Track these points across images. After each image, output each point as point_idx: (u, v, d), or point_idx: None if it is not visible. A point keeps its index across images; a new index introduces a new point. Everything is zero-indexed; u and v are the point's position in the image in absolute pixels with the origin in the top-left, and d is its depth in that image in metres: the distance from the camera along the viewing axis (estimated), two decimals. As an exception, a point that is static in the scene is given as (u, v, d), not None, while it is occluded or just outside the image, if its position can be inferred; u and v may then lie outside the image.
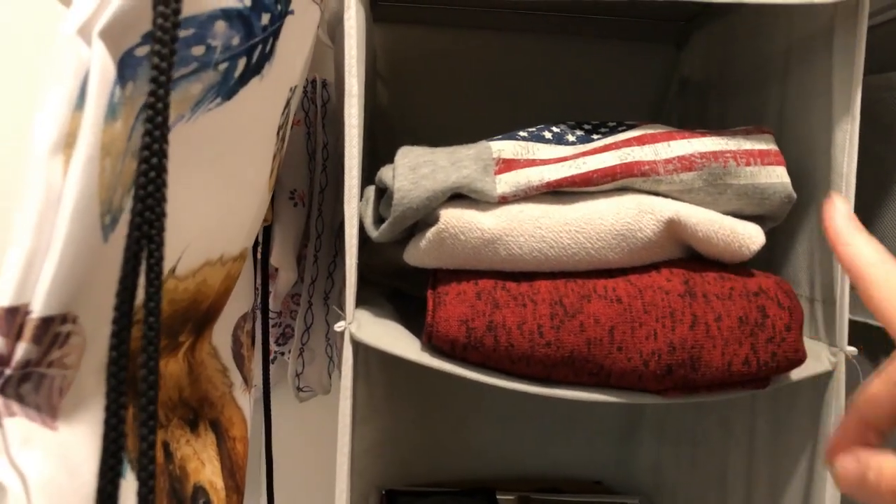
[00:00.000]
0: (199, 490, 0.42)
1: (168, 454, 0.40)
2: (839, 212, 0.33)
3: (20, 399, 0.26)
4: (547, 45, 0.73)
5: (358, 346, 0.45)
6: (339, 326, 0.45)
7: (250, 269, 0.58)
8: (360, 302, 0.50)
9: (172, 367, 0.43)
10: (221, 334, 0.51)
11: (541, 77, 0.74)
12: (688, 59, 0.72)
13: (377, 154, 0.66)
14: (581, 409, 0.79)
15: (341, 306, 0.46)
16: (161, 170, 0.25)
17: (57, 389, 0.28)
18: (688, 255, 0.48)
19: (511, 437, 0.79)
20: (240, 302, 0.54)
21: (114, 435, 0.25)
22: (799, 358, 0.45)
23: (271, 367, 0.67)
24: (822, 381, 0.48)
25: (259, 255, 0.61)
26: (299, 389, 0.65)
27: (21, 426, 0.25)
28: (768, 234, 0.47)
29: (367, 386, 0.77)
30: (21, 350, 0.25)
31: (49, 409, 0.27)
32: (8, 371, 0.25)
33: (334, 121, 0.69)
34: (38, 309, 0.25)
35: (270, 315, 0.64)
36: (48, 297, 0.25)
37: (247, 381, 0.53)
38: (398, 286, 0.61)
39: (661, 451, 0.76)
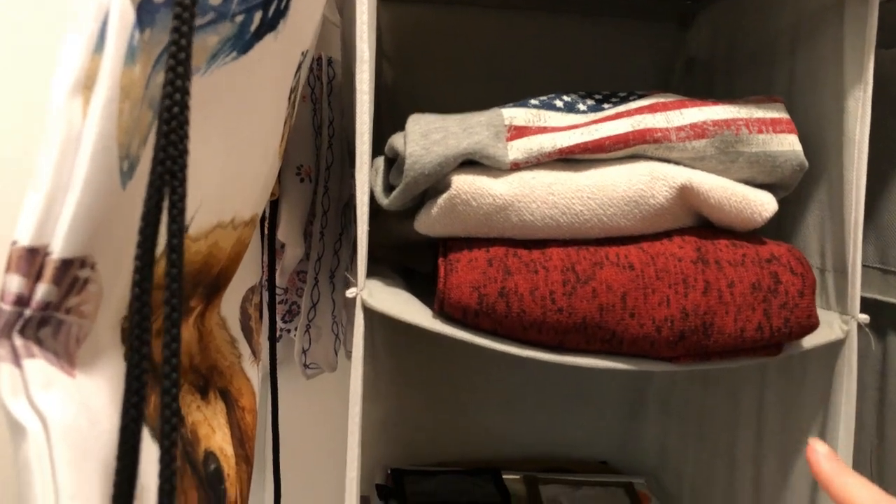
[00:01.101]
0: (210, 455, 0.42)
1: (180, 418, 0.39)
2: (823, 455, 0.36)
3: (39, 343, 0.25)
4: (552, 23, 0.73)
5: (369, 313, 0.45)
6: (350, 293, 0.44)
7: (257, 243, 0.57)
8: (370, 275, 0.49)
9: (183, 333, 0.43)
10: (230, 306, 0.51)
11: (546, 55, 0.73)
12: (694, 38, 0.72)
13: (382, 133, 0.66)
14: (586, 389, 0.79)
15: (351, 276, 0.46)
16: (183, 116, 0.24)
17: (74, 338, 0.28)
18: (699, 224, 0.48)
19: (516, 417, 0.79)
20: (248, 274, 0.54)
21: (136, 385, 0.25)
22: (812, 324, 0.44)
23: (278, 345, 0.67)
24: (833, 350, 0.48)
25: (266, 231, 0.61)
26: (306, 366, 0.65)
27: (41, 369, 0.25)
28: (778, 205, 0.47)
29: (373, 366, 0.76)
30: (41, 291, 0.24)
31: (67, 356, 0.27)
32: (28, 312, 0.24)
33: (340, 98, 0.69)
34: (57, 250, 0.25)
35: (277, 291, 0.64)
36: (68, 239, 0.25)
37: (255, 353, 0.53)
38: (407, 263, 0.61)
39: (667, 430, 0.76)
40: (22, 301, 0.24)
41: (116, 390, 0.30)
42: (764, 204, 0.46)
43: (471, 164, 0.45)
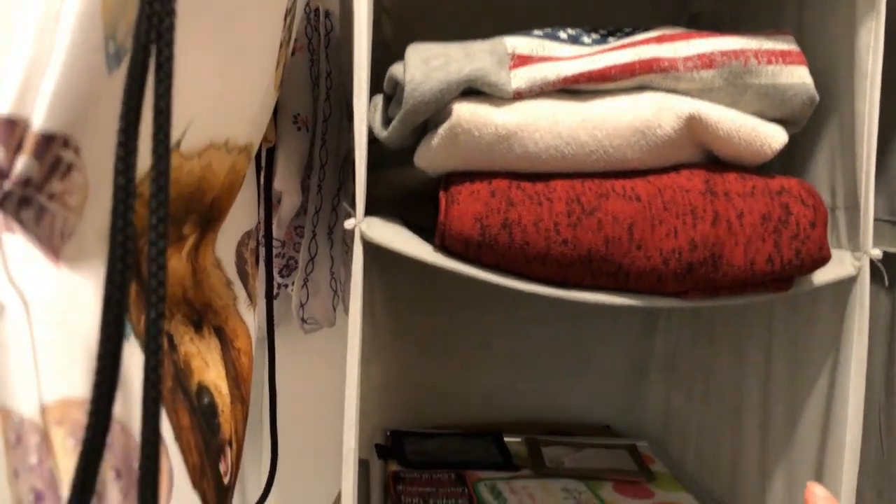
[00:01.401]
0: (204, 389, 0.41)
1: (172, 346, 0.38)
2: (822, 498, 0.37)
3: (21, 223, 0.24)
4: (555, -23, 0.72)
5: (368, 247, 0.44)
6: (348, 223, 0.43)
7: (254, 189, 0.56)
8: (369, 214, 0.48)
9: (176, 264, 0.41)
10: (225, 248, 0.50)
11: (548, 12, 0.72)
12: (698, -8, 0.71)
13: (380, 89, 0.64)
14: (588, 353, 0.78)
15: (349, 207, 0.45)
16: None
17: (59, 232, 0.26)
18: (707, 160, 0.47)
19: (518, 381, 0.77)
20: (243, 218, 0.53)
21: (119, 278, 0.23)
22: (823, 256, 0.43)
23: (275, 302, 0.66)
24: (844, 288, 0.47)
25: (262, 181, 0.60)
26: (303, 321, 0.64)
27: (22, 245, 0.23)
28: (787, 144, 0.46)
29: (371, 327, 0.75)
30: (21, 164, 0.23)
31: (51, 248, 0.26)
32: (7, 185, 0.23)
33: (337, 51, 0.68)
34: (38, 123, 0.23)
35: (274, 244, 0.63)
36: (49, 112, 0.23)
37: (251, 297, 0.52)
38: (405, 216, 0.60)
39: (671, 393, 0.75)
40: (1, 173, 0.23)
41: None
42: (773, 136, 0.45)
43: (472, 93, 0.44)
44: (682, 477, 0.67)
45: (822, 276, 0.45)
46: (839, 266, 0.46)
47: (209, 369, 0.42)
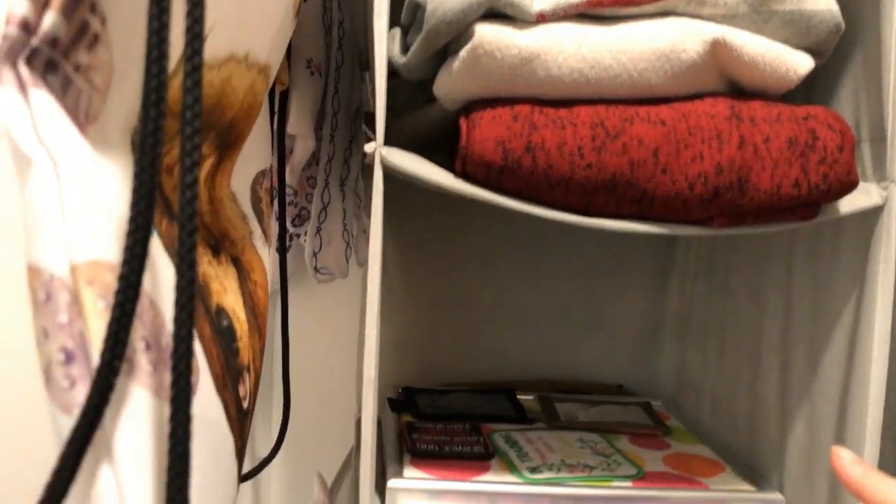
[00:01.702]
0: (222, 312, 0.40)
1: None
2: (849, 461, 0.36)
3: (47, 86, 0.23)
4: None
5: (388, 174, 0.43)
6: (369, 147, 0.42)
7: (268, 131, 0.55)
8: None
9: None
10: (240, 183, 0.49)
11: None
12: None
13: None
14: (601, 312, 0.77)
15: (368, 132, 0.44)
16: None
17: (84, 111, 0.26)
18: (731, 91, 0.46)
19: (530, 340, 0.77)
20: (258, 155, 0.52)
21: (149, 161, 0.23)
22: (851, 180, 0.43)
23: (287, 255, 0.65)
24: (869, 220, 0.46)
25: (275, 126, 0.59)
26: (316, 270, 0.63)
27: (50, 105, 0.23)
28: (808, 78, 0.45)
29: (384, 286, 0.74)
30: (48, 20, 0.22)
31: (77, 124, 0.25)
32: (35, 41, 0.22)
33: (350, 2, 0.67)
34: (66, -21, 0.23)
35: (286, 191, 0.62)
36: (77, -31, 0.23)
37: (266, 235, 0.51)
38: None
39: (685, 350, 0.74)
40: (28, 27, 0.22)
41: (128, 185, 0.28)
42: (799, 62, 0.44)
43: (494, 16, 0.43)
44: (699, 432, 0.66)
45: (848, 206, 0.45)
46: (865, 196, 0.45)
47: (227, 294, 0.42)
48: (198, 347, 0.31)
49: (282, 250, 0.64)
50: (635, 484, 0.54)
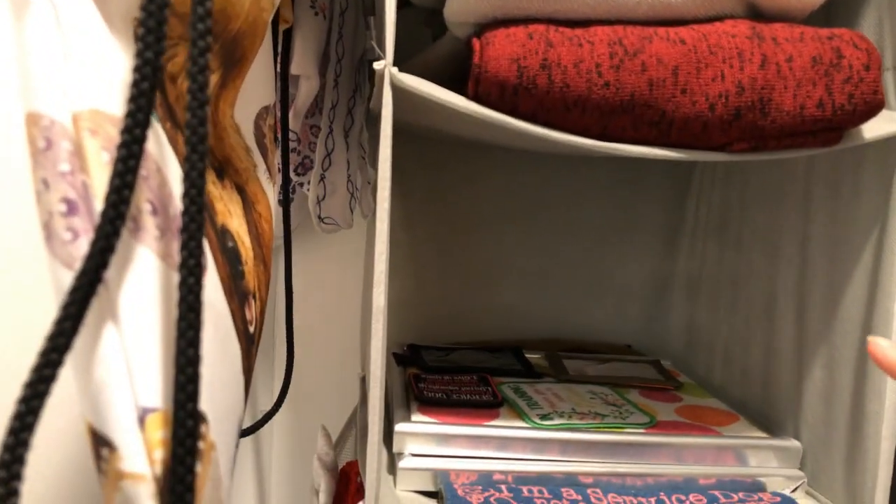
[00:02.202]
0: (227, 233, 0.38)
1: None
2: (886, 346, 0.36)
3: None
4: None
5: (397, 94, 0.41)
6: (378, 65, 0.41)
7: (271, 66, 0.54)
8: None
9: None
10: (244, 114, 0.47)
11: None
12: None
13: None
14: (610, 271, 0.76)
15: (377, 47, 0.43)
16: None
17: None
18: (751, 15, 0.45)
19: (537, 299, 0.75)
20: (261, 90, 0.50)
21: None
22: (878, 101, 0.41)
23: (291, 207, 0.64)
24: (892, 150, 0.45)
25: (279, 67, 0.58)
26: (321, 219, 0.61)
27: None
28: (828, 7, 0.44)
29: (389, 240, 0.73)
30: None
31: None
32: None
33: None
34: None
35: (290, 138, 0.61)
36: None
37: (270, 171, 0.49)
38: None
39: (695, 309, 0.73)
40: None
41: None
42: (823, -18, 0.43)
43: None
44: (710, 388, 0.65)
45: (872, 132, 0.43)
46: (889, 123, 0.44)
47: (232, 218, 0.40)
48: (208, 252, 0.29)
49: (285, 202, 0.63)
50: (648, 431, 0.53)
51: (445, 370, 0.62)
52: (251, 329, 0.39)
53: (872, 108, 0.41)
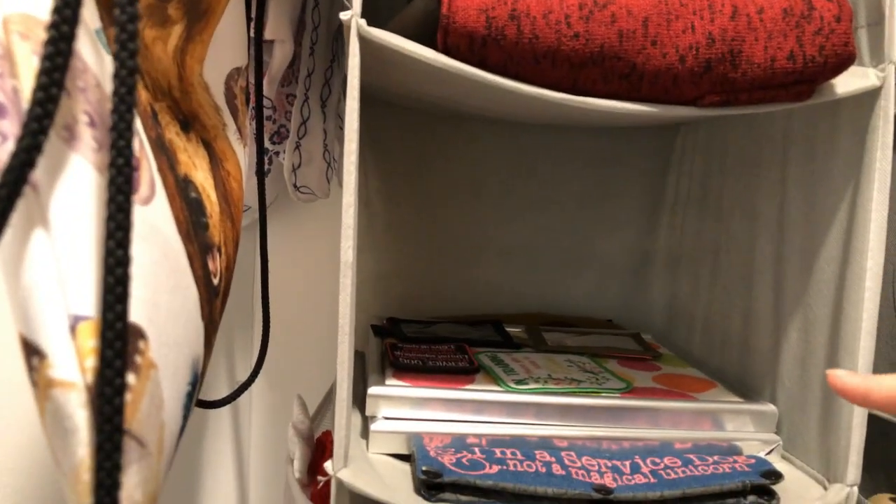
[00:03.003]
0: (190, 184, 0.38)
1: (156, 121, 0.35)
2: (844, 374, 0.35)
3: None
4: None
5: (365, 46, 0.41)
6: (344, 15, 0.40)
7: (244, 29, 0.53)
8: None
9: (160, 54, 0.38)
10: (213, 74, 0.47)
11: None
12: None
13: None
14: (590, 246, 0.76)
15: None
16: None
17: None
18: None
19: (517, 275, 0.75)
20: (232, 50, 0.50)
21: None
22: (849, 52, 0.41)
23: (266, 180, 0.63)
24: (866, 106, 0.45)
25: (252, 32, 0.57)
26: (296, 188, 0.61)
27: None
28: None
29: (366, 217, 0.73)
30: None
31: None
32: None
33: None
34: None
35: (265, 105, 0.60)
36: None
37: (241, 132, 0.49)
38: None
39: (677, 282, 0.72)
40: None
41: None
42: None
43: None
44: (690, 359, 0.65)
45: (844, 86, 0.43)
46: (862, 78, 0.44)
47: (196, 171, 0.40)
48: (158, 183, 0.29)
49: (260, 173, 0.62)
50: (624, 395, 0.53)
51: (423, 340, 0.62)
52: (214, 281, 0.38)
53: (843, 60, 0.41)
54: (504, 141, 0.73)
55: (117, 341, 0.18)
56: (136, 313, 0.20)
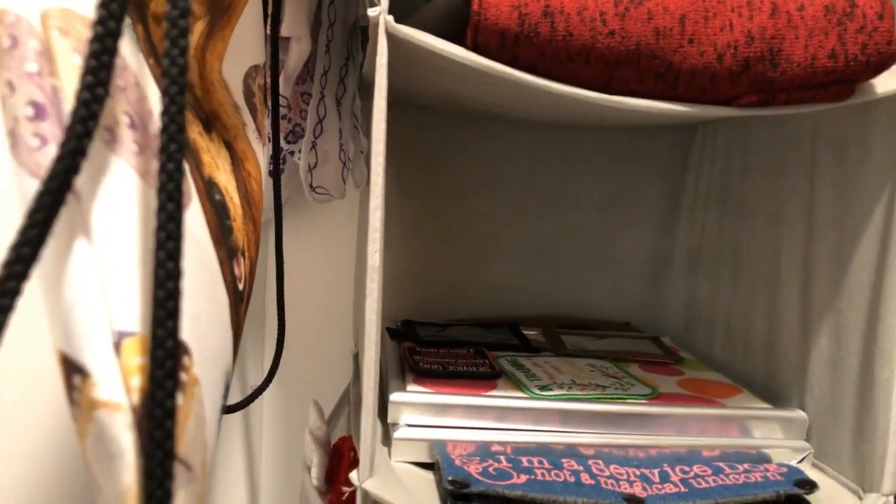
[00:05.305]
0: (214, 186, 0.37)
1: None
2: None
3: None
4: None
5: (393, 44, 0.40)
6: (372, 11, 0.39)
7: (261, 27, 0.52)
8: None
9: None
10: (233, 72, 0.46)
11: None
12: None
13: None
14: (608, 247, 0.74)
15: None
16: None
17: None
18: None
19: (534, 276, 0.74)
20: (252, 48, 0.48)
21: None
22: (892, 51, 0.40)
23: (282, 178, 0.62)
24: (905, 106, 0.43)
25: (268, 30, 0.56)
26: (312, 188, 0.60)
27: None
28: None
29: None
30: None
31: None
32: None
33: None
34: None
35: (280, 103, 0.59)
36: None
37: (260, 131, 0.48)
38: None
39: (696, 284, 0.71)
40: None
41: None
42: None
43: None
44: (712, 363, 0.64)
45: (884, 85, 0.42)
46: (902, 78, 0.43)
47: (220, 172, 0.38)
48: (192, 187, 0.28)
49: (275, 173, 0.61)
50: (650, 402, 0.51)
51: (441, 344, 0.61)
52: (240, 286, 0.37)
53: (886, 59, 0.40)
54: (520, 139, 0.72)
55: (168, 360, 0.16)
56: (182, 328, 0.19)
